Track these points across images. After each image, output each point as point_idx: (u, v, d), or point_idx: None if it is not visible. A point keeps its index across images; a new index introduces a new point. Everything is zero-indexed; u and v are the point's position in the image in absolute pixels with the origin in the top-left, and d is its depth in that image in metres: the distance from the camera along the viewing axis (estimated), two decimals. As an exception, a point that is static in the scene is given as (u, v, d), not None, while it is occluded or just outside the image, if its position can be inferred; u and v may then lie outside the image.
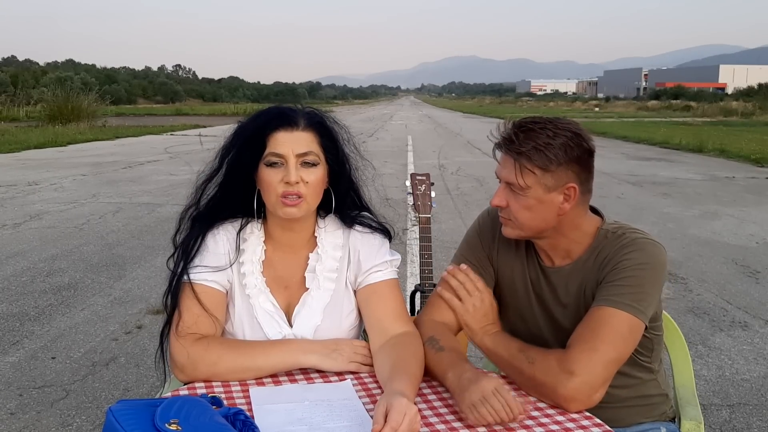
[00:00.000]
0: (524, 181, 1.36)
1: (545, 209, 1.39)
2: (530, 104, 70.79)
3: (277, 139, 1.39)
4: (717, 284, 4.85)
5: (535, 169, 1.35)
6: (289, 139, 1.39)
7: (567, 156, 1.35)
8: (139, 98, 66.63)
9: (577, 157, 1.37)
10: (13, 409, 2.87)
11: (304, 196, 1.39)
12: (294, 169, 1.38)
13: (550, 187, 1.37)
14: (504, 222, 1.47)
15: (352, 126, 1.67)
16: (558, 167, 1.36)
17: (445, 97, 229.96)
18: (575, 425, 1.21)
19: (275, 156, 1.38)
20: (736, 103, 41.75)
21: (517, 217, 1.42)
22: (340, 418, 1.21)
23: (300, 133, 1.40)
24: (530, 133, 1.35)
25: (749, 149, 14.71)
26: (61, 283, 4.77)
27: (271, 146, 1.39)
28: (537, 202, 1.38)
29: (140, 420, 1.06)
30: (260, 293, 1.47)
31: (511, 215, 1.43)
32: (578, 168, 1.38)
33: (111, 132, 21.00)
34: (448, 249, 5.37)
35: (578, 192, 1.39)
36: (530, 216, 1.40)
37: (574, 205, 1.40)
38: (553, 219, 1.41)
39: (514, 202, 1.41)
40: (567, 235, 1.45)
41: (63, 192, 9.09)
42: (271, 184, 1.39)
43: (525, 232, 1.45)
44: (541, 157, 1.34)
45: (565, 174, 1.37)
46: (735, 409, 2.95)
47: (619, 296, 1.34)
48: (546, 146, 1.34)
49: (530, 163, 1.35)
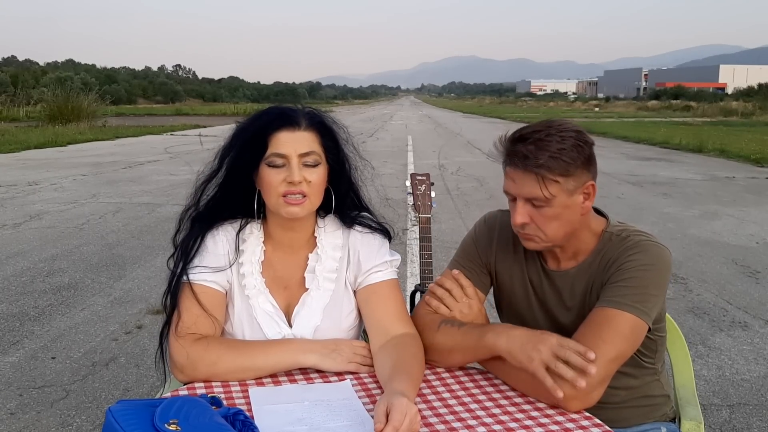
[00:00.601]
0: (549, 192, 1.35)
1: (570, 213, 1.39)
2: (530, 104, 70.79)
3: (280, 140, 1.38)
4: (717, 284, 4.85)
5: (557, 177, 1.34)
6: (292, 139, 1.39)
7: (581, 156, 1.36)
8: (139, 98, 66.63)
9: (588, 155, 1.38)
10: (13, 409, 2.87)
11: (307, 196, 1.39)
12: (297, 169, 1.37)
13: (572, 191, 1.37)
14: (528, 238, 1.43)
15: (352, 126, 1.67)
16: (576, 169, 1.36)
17: (445, 97, 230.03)
18: (575, 425, 1.20)
19: (278, 156, 1.38)
20: (736, 103, 41.76)
21: (545, 230, 1.40)
22: (340, 418, 1.21)
23: (302, 133, 1.40)
24: (540, 143, 1.34)
25: (749, 149, 14.72)
26: (61, 283, 4.77)
27: (273, 146, 1.38)
28: (563, 209, 1.38)
29: (140, 420, 1.06)
30: (260, 293, 1.47)
31: (537, 230, 1.41)
32: (590, 164, 1.39)
33: (111, 132, 21.00)
34: (448, 249, 5.37)
35: (596, 188, 1.41)
36: (558, 224, 1.39)
37: (592, 202, 1.42)
38: (577, 221, 1.42)
39: (538, 215, 1.39)
40: (578, 236, 1.45)
41: (63, 192, 9.09)
42: (273, 185, 1.38)
43: (554, 242, 1.43)
44: (560, 165, 1.34)
45: (583, 174, 1.37)
46: (735, 409, 2.95)
47: (622, 297, 1.34)
48: (561, 152, 1.33)
49: (551, 173, 1.34)
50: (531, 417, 1.23)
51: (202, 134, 19.95)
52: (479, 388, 1.36)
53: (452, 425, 1.20)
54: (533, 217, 1.39)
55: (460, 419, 1.22)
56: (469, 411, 1.26)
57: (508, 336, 1.32)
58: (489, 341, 1.34)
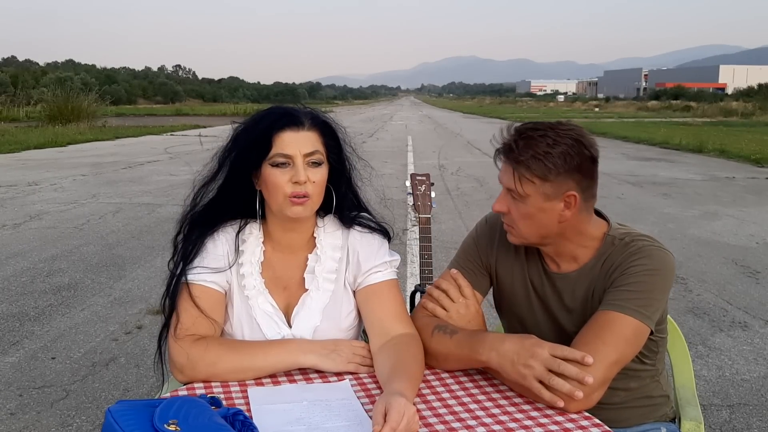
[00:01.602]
0: (523, 189, 1.36)
1: (546, 217, 1.39)
2: (530, 104, 70.77)
3: (284, 140, 1.38)
4: (717, 284, 4.85)
5: (533, 178, 1.34)
6: (296, 139, 1.38)
7: (566, 165, 1.33)
8: (139, 98, 66.63)
9: (577, 165, 1.34)
10: (13, 409, 2.87)
11: (310, 196, 1.39)
12: (302, 168, 1.37)
13: (550, 196, 1.36)
14: (507, 229, 1.46)
15: (353, 126, 1.68)
16: (557, 176, 1.34)
17: (445, 97, 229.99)
18: (574, 425, 1.20)
19: (283, 156, 1.37)
20: (736, 104, 41.76)
21: (517, 225, 1.41)
22: (338, 418, 1.21)
23: (306, 133, 1.40)
24: (530, 141, 1.34)
25: (749, 149, 14.71)
26: (61, 283, 4.77)
27: (278, 147, 1.37)
28: (537, 210, 1.38)
29: (139, 420, 1.06)
30: (259, 294, 1.47)
31: (512, 222, 1.43)
32: (579, 176, 1.36)
33: (111, 132, 21.00)
34: (448, 249, 5.37)
35: (579, 199, 1.38)
36: (529, 223, 1.40)
37: (576, 212, 1.39)
38: (554, 226, 1.40)
39: (514, 208, 1.40)
40: (572, 240, 1.45)
41: (63, 192, 9.09)
42: (279, 185, 1.38)
43: (527, 239, 1.44)
44: (539, 166, 1.33)
45: (565, 182, 1.35)
46: (735, 409, 2.94)
47: (626, 301, 1.34)
48: (545, 155, 1.32)
49: (529, 172, 1.34)
50: (530, 417, 1.23)
51: (202, 134, 19.95)
52: (479, 388, 1.35)
53: (451, 425, 1.20)
54: (510, 210, 1.41)
55: (460, 419, 1.22)
56: (469, 411, 1.26)
57: (499, 352, 1.29)
58: (481, 357, 1.33)
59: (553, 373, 1.22)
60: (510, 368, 1.27)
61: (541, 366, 1.23)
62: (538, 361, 1.23)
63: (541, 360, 1.23)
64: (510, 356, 1.27)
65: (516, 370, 1.26)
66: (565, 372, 1.22)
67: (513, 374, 1.27)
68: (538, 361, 1.23)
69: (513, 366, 1.26)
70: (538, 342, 1.27)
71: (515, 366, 1.26)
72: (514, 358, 1.26)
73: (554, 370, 1.22)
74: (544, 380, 1.22)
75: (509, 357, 1.27)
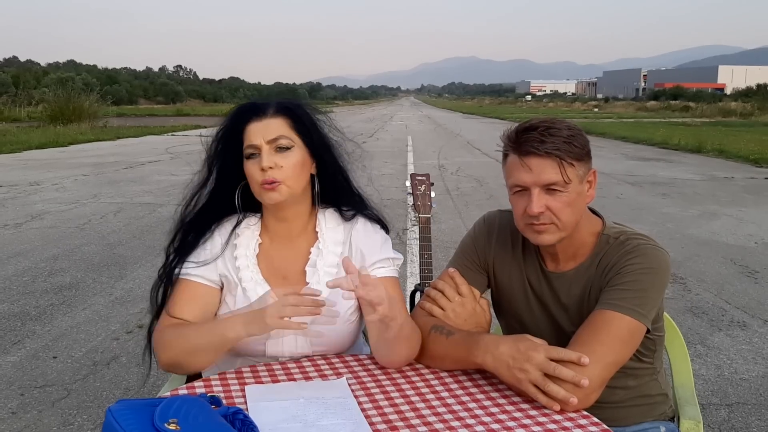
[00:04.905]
0: (568, 175, 1.36)
1: (581, 201, 1.42)
2: (529, 104, 70.74)
3: (250, 131, 1.42)
4: (716, 284, 4.86)
5: (573, 161, 1.37)
6: (259, 128, 1.42)
7: (586, 146, 1.41)
8: (140, 99, 66.63)
9: (588, 146, 1.42)
10: (14, 408, 2.88)
11: (281, 181, 1.41)
12: (267, 155, 1.40)
13: (582, 177, 1.40)
14: (543, 229, 1.40)
15: (353, 126, 1.69)
16: (585, 155, 1.40)
17: (444, 97, 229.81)
18: (573, 424, 1.21)
19: (251, 147, 1.42)
20: (735, 104, 41.73)
21: (561, 217, 1.39)
22: (334, 416, 1.22)
23: (269, 120, 1.43)
24: (551, 130, 1.36)
25: (748, 149, 14.71)
26: (62, 282, 4.78)
27: (247, 139, 1.42)
28: (577, 195, 1.39)
29: (139, 420, 1.06)
30: (257, 285, 1.48)
31: (552, 218, 1.39)
32: (590, 154, 1.43)
33: (112, 132, 21.01)
34: (448, 249, 5.37)
35: (597, 176, 1.46)
36: (572, 211, 1.40)
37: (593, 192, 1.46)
38: (584, 209, 1.45)
39: (554, 202, 1.38)
40: (578, 232, 1.45)
41: (64, 192, 9.10)
42: (251, 175, 1.42)
43: (568, 230, 1.42)
44: (573, 149, 1.37)
45: (588, 162, 1.42)
46: (733, 408, 2.95)
47: (622, 300, 1.35)
48: (571, 138, 1.37)
49: (569, 156, 1.36)
50: (529, 416, 1.23)
51: (203, 135, 19.94)
52: (477, 387, 1.36)
53: (450, 424, 1.21)
54: (549, 206, 1.38)
55: (459, 418, 1.23)
56: (468, 410, 1.26)
57: (494, 355, 1.29)
58: (476, 359, 1.33)
59: (548, 378, 1.22)
60: (506, 372, 1.27)
61: (536, 370, 1.23)
62: (533, 365, 1.23)
63: (536, 364, 1.23)
64: (505, 360, 1.27)
65: (512, 374, 1.26)
66: (560, 375, 1.22)
67: (509, 378, 1.27)
68: (533, 365, 1.24)
69: (509, 370, 1.27)
70: (533, 345, 1.27)
71: (511, 370, 1.26)
72: (509, 362, 1.26)
73: (550, 373, 1.23)
74: (540, 385, 1.22)
75: (504, 360, 1.27)
